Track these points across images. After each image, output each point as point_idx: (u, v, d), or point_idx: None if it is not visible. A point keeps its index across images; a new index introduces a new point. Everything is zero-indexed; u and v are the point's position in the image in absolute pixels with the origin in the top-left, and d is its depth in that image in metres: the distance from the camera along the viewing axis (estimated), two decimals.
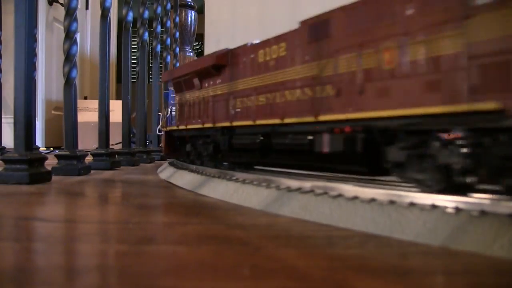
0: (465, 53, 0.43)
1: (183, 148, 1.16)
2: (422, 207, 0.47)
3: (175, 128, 1.16)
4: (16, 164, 0.94)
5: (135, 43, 2.12)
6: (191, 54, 3.05)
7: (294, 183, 0.66)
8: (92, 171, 1.32)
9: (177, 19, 2.72)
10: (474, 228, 0.41)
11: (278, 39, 0.73)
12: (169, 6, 2.32)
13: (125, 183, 1.03)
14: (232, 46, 0.89)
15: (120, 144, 1.73)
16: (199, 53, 3.98)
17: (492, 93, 0.41)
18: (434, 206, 0.47)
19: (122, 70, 1.71)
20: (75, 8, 1.18)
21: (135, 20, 1.79)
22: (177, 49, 2.58)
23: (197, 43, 3.79)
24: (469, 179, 0.46)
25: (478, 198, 0.45)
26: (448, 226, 0.43)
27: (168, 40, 2.27)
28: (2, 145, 1.94)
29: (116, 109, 2.01)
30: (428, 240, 0.43)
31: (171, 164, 1.24)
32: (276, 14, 3.21)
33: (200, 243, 0.44)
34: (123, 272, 0.34)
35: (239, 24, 3.47)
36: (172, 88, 1.27)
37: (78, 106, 1.24)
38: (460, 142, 0.46)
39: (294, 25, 0.70)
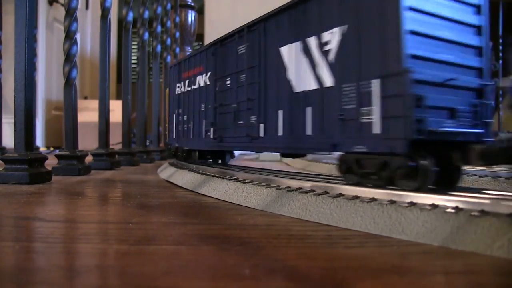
0: None
1: None
2: (422, 207, 0.47)
3: None
4: (16, 164, 0.94)
5: (135, 43, 2.12)
6: None
7: (294, 183, 0.66)
8: (92, 171, 1.32)
9: (177, 19, 2.72)
10: (474, 228, 0.41)
11: None
12: (169, 6, 2.32)
13: (125, 183, 1.03)
14: None
15: (120, 144, 1.73)
16: None
17: None
18: (434, 206, 0.47)
19: (122, 70, 1.71)
20: (75, 8, 1.19)
21: (135, 20, 1.79)
22: (177, 49, 2.58)
23: (197, 43, 3.79)
24: None
25: (478, 198, 0.45)
26: (448, 226, 0.43)
27: (168, 40, 2.27)
28: (2, 145, 1.94)
29: (116, 109, 2.01)
30: (428, 240, 0.43)
31: (171, 164, 1.24)
32: None
33: (200, 243, 0.44)
34: (123, 272, 0.34)
35: (239, 24, 3.47)
36: None
37: (78, 106, 1.24)
38: None
39: None
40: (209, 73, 0.99)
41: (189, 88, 1.13)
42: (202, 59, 1.04)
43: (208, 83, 1.00)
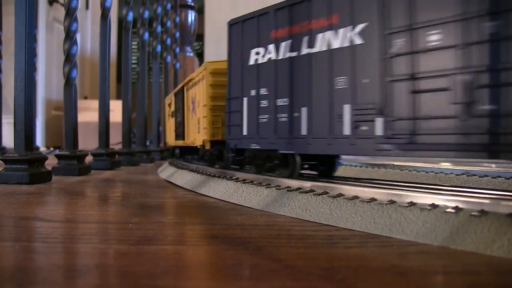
0: None
1: None
2: (422, 207, 0.47)
3: None
4: (16, 164, 0.94)
5: (135, 43, 2.12)
6: (191, 54, 3.05)
7: (294, 183, 0.66)
8: (92, 171, 1.32)
9: (177, 19, 2.72)
10: (474, 228, 0.41)
11: None
12: (169, 6, 2.32)
13: (125, 183, 1.03)
14: None
15: (120, 144, 1.73)
16: (199, 53, 3.98)
17: None
18: (434, 206, 0.47)
19: (122, 70, 1.71)
20: (75, 8, 1.19)
21: (135, 20, 1.79)
22: (177, 49, 2.58)
23: (197, 43, 3.79)
24: None
25: (478, 198, 0.45)
26: (448, 226, 0.43)
27: (168, 40, 2.27)
28: (2, 145, 1.94)
29: (116, 109, 2.01)
30: (428, 240, 0.43)
31: (171, 164, 1.24)
32: None
33: (200, 243, 0.44)
34: (123, 272, 0.34)
35: None
36: None
37: (78, 106, 1.24)
38: None
39: None
40: (361, 26, 0.62)
41: (293, 54, 0.73)
42: (339, 4, 0.65)
43: (358, 42, 0.62)
